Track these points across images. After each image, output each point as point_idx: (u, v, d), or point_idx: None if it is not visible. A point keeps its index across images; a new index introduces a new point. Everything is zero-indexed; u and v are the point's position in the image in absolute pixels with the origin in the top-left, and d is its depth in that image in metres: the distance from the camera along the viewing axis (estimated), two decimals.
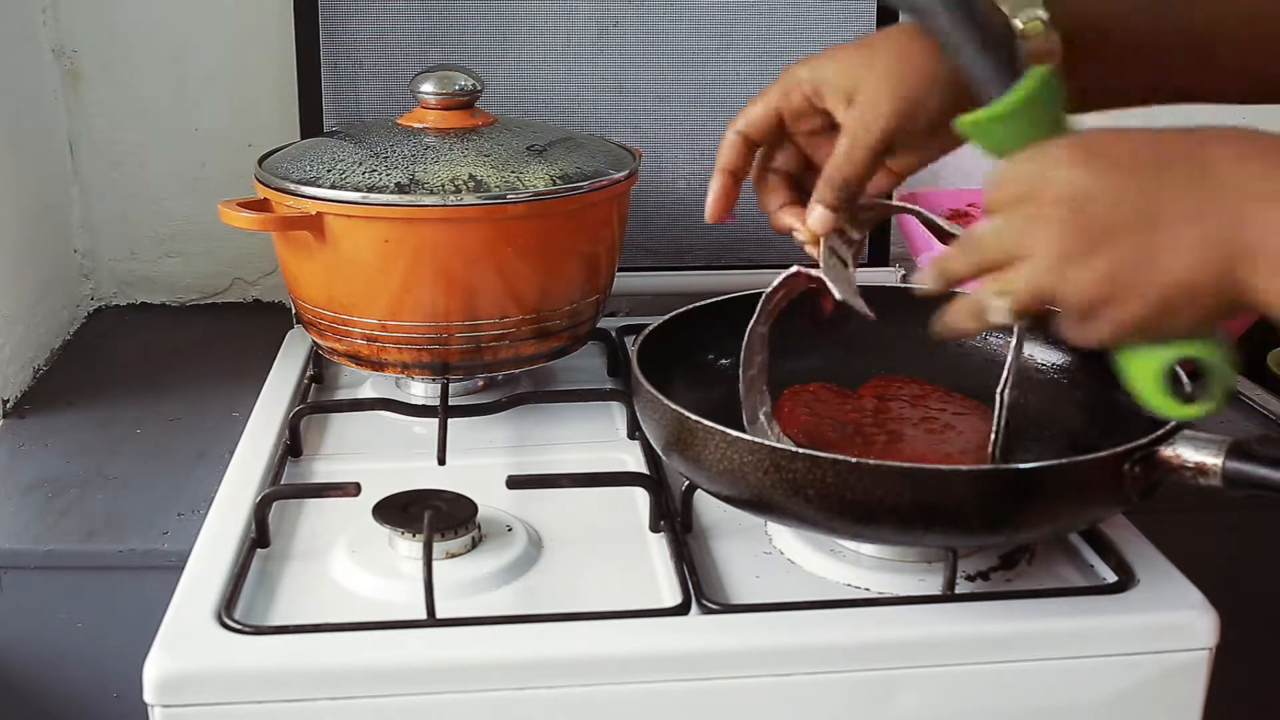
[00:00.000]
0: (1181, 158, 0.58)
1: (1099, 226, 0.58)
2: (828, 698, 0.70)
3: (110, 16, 1.20)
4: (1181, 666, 0.72)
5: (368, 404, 0.95)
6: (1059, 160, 0.60)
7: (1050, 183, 0.60)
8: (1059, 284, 0.60)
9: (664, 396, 0.75)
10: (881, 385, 0.87)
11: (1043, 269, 0.60)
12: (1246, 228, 0.56)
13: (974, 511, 0.68)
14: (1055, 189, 0.60)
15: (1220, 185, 0.57)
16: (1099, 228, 0.58)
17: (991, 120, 0.63)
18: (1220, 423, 1.04)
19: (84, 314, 1.26)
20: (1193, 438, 0.69)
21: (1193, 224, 0.57)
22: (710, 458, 0.71)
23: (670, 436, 0.74)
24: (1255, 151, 0.57)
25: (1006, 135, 0.63)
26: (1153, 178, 0.58)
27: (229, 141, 1.23)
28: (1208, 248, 0.57)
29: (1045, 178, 0.60)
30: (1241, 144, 0.58)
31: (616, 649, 0.69)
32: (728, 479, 0.71)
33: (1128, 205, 0.58)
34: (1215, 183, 0.57)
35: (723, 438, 0.70)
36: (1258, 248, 0.56)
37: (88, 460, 0.96)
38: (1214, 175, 0.57)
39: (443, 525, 0.75)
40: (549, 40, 1.18)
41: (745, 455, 0.69)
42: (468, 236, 0.89)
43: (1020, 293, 0.61)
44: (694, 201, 1.22)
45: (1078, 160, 0.60)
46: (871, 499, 0.67)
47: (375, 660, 0.67)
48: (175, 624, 0.69)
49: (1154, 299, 0.58)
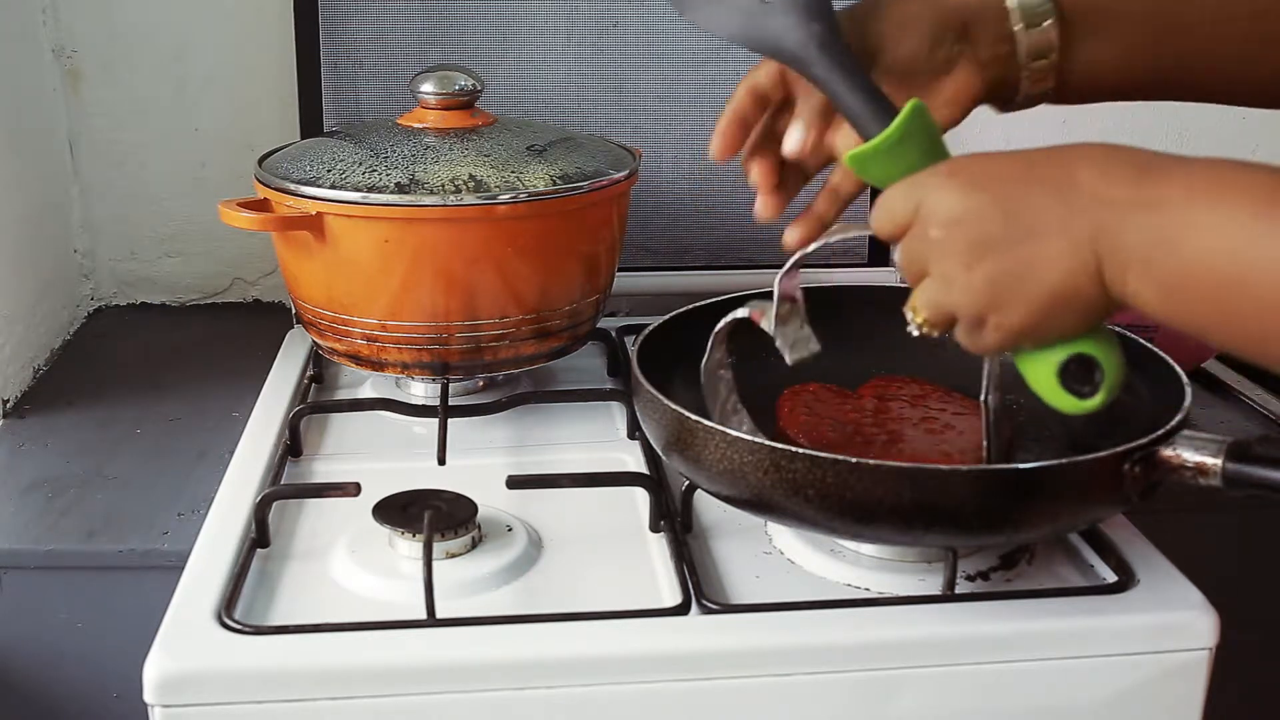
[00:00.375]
0: (1047, 174, 0.62)
1: (974, 242, 0.62)
2: (828, 698, 0.70)
3: (110, 16, 1.20)
4: (1181, 666, 0.72)
5: (368, 404, 0.95)
6: (930, 186, 0.64)
7: (926, 207, 0.63)
8: (949, 298, 0.64)
9: (664, 396, 0.75)
10: (881, 385, 0.87)
11: (934, 287, 0.64)
12: (1111, 235, 0.59)
13: (974, 511, 0.68)
14: (931, 212, 0.63)
15: (1084, 196, 0.60)
16: (975, 244, 0.62)
17: (874, 154, 0.67)
18: (1220, 423, 1.04)
19: (84, 314, 1.26)
20: (1193, 438, 0.69)
21: (1061, 235, 0.60)
22: (710, 458, 0.71)
23: (670, 436, 0.74)
24: (1115, 164, 0.60)
25: (889, 167, 0.67)
26: (1020, 194, 0.61)
27: (229, 141, 1.23)
28: (1077, 255, 0.60)
29: (922, 203, 0.64)
30: (1103, 157, 0.61)
31: (616, 649, 0.69)
32: (728, 479, 0.71)
33: (997, 221, 0.61)
34: (1079, 194, 0.60)
35: (723, 438, 0.70)
36: (1123, 252, 0.59)
37: (88, 460, 0.96)
38: (1077, 187, 0.60)
39: (443, 525, 0.75)
40: (549, 40, 1.18)
41: (745, 455, 0.69)
42: (468, 236, 0.89)
43: (921, 309, 0.65)
44: (694, 201, 1.23)
45: (946, 184, 0.63)
46: (871, 499, 0.67)
47: (375, 660, 0.67)
48: (175, 624, 0.69)
49: (1035, 306, 0.62)
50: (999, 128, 1.29)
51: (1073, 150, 0.62)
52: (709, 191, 1.22)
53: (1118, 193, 0.59)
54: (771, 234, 0.78)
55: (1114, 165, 0.60)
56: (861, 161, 0.67)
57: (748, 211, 0.80)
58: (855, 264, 1.23)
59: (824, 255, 1.22)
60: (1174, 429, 0.70)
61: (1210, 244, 0.57)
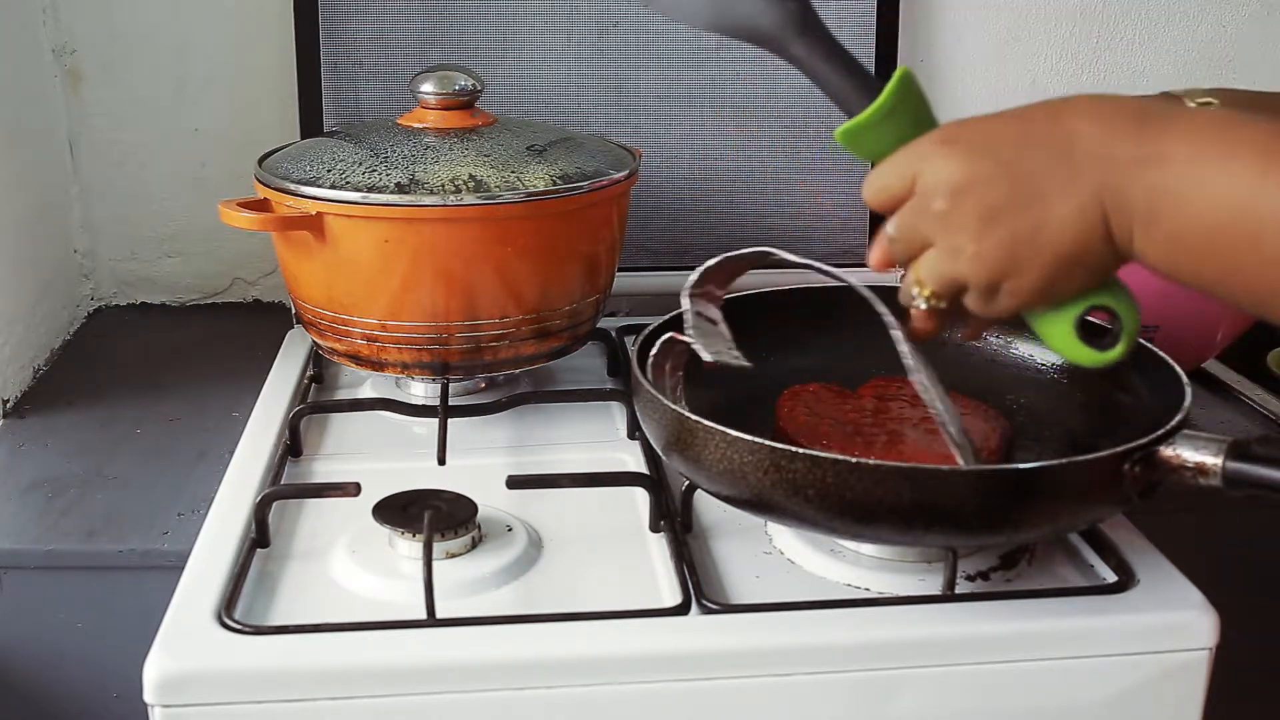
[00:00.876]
0: (1046, 134, 0.61)
1: (982, 211, 0.61)
2: (828, 698, 0.70)
3: (110, 16, 1.20)
4: (1181, 666, 0.72)
5: (368, 404, 0.95)
6: (926, 155, 0.63)
7: (925, 178, 0.63)
8: (958, 268, 0.63)
9: (663, 397, 0.75)
10: (881, 385, 0.87)
11: (941, 258, 0.64)
12: (1116, 193, 0.59)
13: (974, 511, 0.68)
14: (932, 184, 0.63)
15: (1086, 155, 0.60)
16: (982, 212, 0.61)
17: (863, 128, 0.66)
18: (1220, 422, 1.04)
19: (84, 314, 1.26)
20: (1193, 437, 0.69)
21: (1067, 196, 0.60)
22: (710, 458, 0.71)
23: (670, 436, 0.74)
24: (1112, 116, 0.60)
25: (879, 140, 0.66)
26: (1022, 158, 0.61)
27: (229, 141, 1.23)
28: (1085, 216, 0.60)
29: (920, 174, 0.63)
30: (1098, 110, 0.61)
31: (616, 649, 0.69)
32: (728, 479, 0.71)
33: (1002, 188, 0.61)
34: (1081, 153, 0.60)
35: (723, 438, 0.70)
36: (1128, 209, 0.59)
37: (88, 460, 0.96)
38: (1079, 146, 0.60)
39: (443, 525, 0.75)
40: (549, 40, 1.18)
41: (745, 455, 0.69)
42: (468, 236, 0.89)
43: (928, 282, 0.65)
44: (694, 201, 1.23)
45: (945, 152, 0.63)
46: (871, 499, 0.67)
47: (375, 660, 0.67)
48: (175, 624, 0.69)
49: (1048, 268, 0.62)
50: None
51: (1066, 106, 0.62)
52: (709, 191, 1.22)
53: (1120, 149, 0.59)
54: (771, 234, 0.78)
55: (1112, 118, 0.60)
56: (852, 136, 0.66)
57: (748, 211, 0.80)
58: (855, 264, 1.23)
59: (823, 255, 1.22)
60: (1174, 429, 0.70)
61: (1217, 200, 0.57)
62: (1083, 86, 1.27)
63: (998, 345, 0.89)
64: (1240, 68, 1.30)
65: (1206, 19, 1.29)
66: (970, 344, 0.89)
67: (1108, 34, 1.28)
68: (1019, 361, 0.89)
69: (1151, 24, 1.29)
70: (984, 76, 1.28)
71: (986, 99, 1.28)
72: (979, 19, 1.27)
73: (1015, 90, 1.28)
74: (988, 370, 0.89)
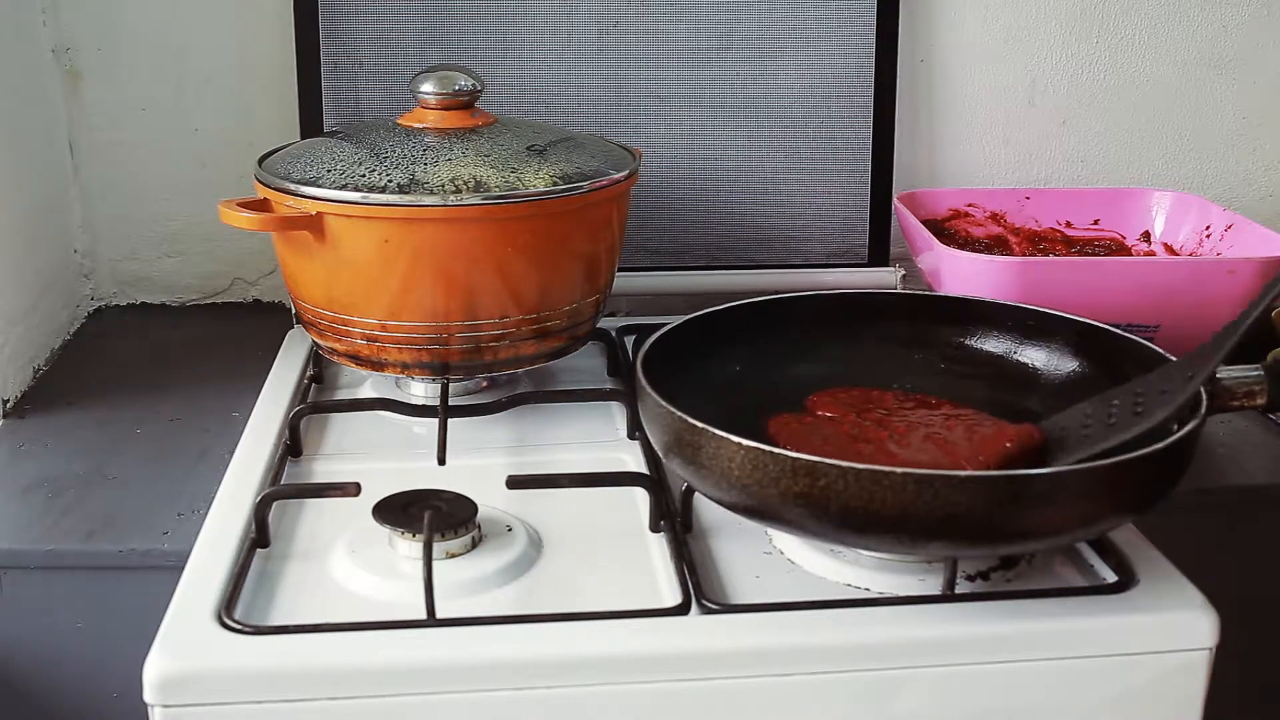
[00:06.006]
0: None
1: None
2: (828, 698, 0.70)
3: (110, 16, 1.20)
4: (1181, 666, 0.72)
5: (368, 404, 0.95)
6: None
7: None
8: None
9: (666, 402, 0.74)
10: (898, 397, 0.86)
11: None
12: None
13: (980, 519, 0.67)
14: None
15: None
16: None
17: None
18: (1220, 422, 1.04)
19: (84, 314, 1.26)
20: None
21: None
22: (713, 463, 0.71)
23: (672, 441, 0.74)
24: None
25: None
26: None
27: (229, 141, 1.23)
28: None
29: None
30: None
31: (616, 649, 0.69)
32: (736, 489, 0.71)
33: None
34: None
35: (726, 444, 0.70)
36: None
37: (88, 460, 0.96)
38: None
39: (443, 525, 0.75)
40: (549, 40, 1.18)
41: (748, 463, 0.69)
42: (468, 237, 0.89)
43: None
44: (694, 201, 1.23)
45: None
46: (881, 506, 0.66)
47: (375, 660, 0.67)
48: (175, 624, 0.69)
49: None
50: (999, 128, 1.29)
51: None
52: (709, 191, 1.22)
53: None
54: (771, 234, 0.78)
55: None
56: None
57: (748, 211, 0.80)
58: (855, 264, 1.23)
59: (823, 255, 1.22)
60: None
61: None
62: (1083, 86, 1.27)
63: (1022, 360, 0.89)
64: (1240, 68, 1.30)
65: (1206, 19, 1.29)
66: (983, 362, 0.88)
67: (1108, 34, 1.28)
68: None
69: (1151, 24, 1.29)
70: (984, 76, 1.28)
71: (986, 99, 1.28)
72: (979, 19, 1.27)
73: (1015, 90, 1.28)
74: (1000, 384, 0.89)
